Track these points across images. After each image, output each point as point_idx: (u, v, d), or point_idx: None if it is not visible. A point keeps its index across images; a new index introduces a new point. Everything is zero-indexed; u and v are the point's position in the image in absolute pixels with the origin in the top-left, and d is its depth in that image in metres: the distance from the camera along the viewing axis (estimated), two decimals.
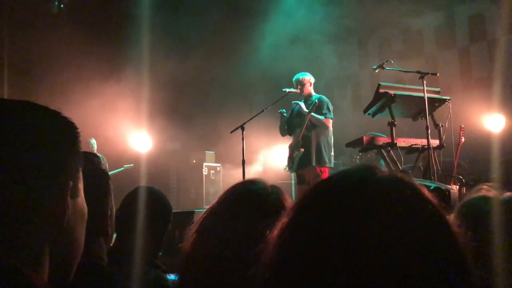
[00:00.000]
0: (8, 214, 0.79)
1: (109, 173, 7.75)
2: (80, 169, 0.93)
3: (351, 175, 0.73)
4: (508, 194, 1.20)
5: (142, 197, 2.12)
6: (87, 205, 0.97)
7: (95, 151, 9.09)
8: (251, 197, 1.32)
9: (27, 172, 0.81)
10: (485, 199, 1.20)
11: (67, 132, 0.92)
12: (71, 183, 0.87)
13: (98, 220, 1.57)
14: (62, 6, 10.43)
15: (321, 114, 6.05)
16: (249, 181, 1.39)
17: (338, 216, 0.66)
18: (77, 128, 0.95)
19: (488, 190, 1.24)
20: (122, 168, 9.12)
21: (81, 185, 0.93)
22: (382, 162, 7.89)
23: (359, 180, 0.70)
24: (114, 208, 1.72)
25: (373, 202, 0.66)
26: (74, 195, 0.89)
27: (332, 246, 0.64)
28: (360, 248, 0.62)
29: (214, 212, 1.32)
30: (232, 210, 1.30)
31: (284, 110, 6.38)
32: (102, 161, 9.16)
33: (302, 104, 6.12)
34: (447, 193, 2.86)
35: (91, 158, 1.75)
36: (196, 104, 11.03)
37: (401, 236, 0.62)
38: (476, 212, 1.09)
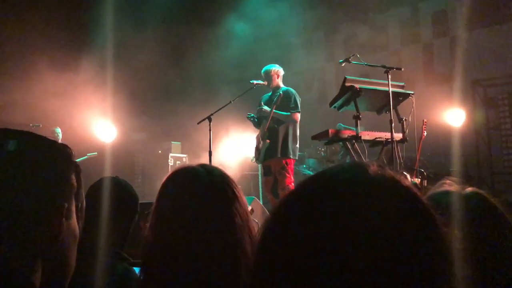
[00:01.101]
0: (10, 228, 0.86)
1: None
2: (73, 192, 1.00)
3: (342, 173, 0.71)
4: (469, 189, 1.23)
5: (107, 187, 2.08)
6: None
7: (60, 140, 8.92)
8: (192, 181, 1.36)
9: (27, 194, 0.88)
10: (447, 193, 1.23)
11: (63, 159, 0.99)
12: (66, 205, 0.94)
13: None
14: None
15: (288, 107, 6.06)
16: (187, 165, 1.44)
17: (331, 214, 0.65)
18: (71, 154, 1.02)
19: (450, 185, 1.26)
20: (85, 157, 8.97)
21: (73, 207, 1.00)
22: (342, 154, 8.04)
23: (352, 177, 0.70)
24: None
25: (365, 200, 0.65)
26: (68, 216, 0.96)
27: (322, 246, 0.63)
28: (352, 248, 0.62)
29: (163, 200, 1.36)
30: (176, 194, 1.35)
31: (252, 115, 6.36)
32: None
33: (263, 106, 6.14)
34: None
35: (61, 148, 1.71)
36: (163, 94, 10.91)
37: (393, 234, 0.63)
38: (438, 207, 1.12)
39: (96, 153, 9.07)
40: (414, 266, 0.62)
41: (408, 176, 4.86)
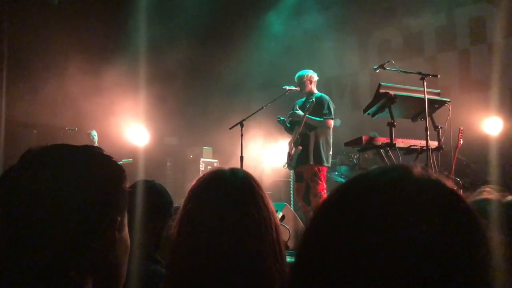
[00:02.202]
0: (66, 240, 0.90)
1: None
2: (126, 207, 1.05)
3: (387, 173, 0.71)
4: (510, 197, 1.20)
5: (141, 190, 2.10)
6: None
7: (96, 143, 9.10)
8: (217, 181, 1.37)
9: (84, 208, 0.92)
10: (487, 201, 1.20)
11: (117, 174, 1.04)
12: (119, 219, 0.98)
13: None
14: None
15: (321, 114, 6.03)
16: (217, 168, 1.45)
17: (373, 215, 0.64)
18: (124, 171, 1.08)
19: (490, 193, 1.23)
20: (120, 163, 9.11)
21: (125, 221, 1.04)
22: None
23: (396, 179, 0.69)
24: None
25: (410, 202, 0.64)
26: (121, 229, 1.00)
27: (364, 247, 0.62)
28: (397, 251, 0.61)
29: (194, 200, 1.36)
30: (202, 197, 1.35)
31: (282, 118, 6.34)
32: None
33: (297, 110, 6.10)
34: None
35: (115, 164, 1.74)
36: (195, 100, 11.01)
37: (439, 236, 0.62)
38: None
39: (131, 159, 9.22)
40: (458, 269, 0.61)
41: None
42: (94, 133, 9.17)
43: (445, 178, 0.71)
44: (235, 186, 1.35)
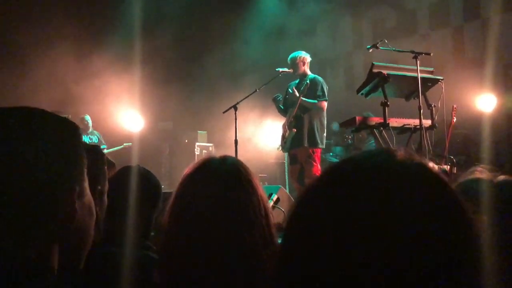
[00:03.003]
0: (21, 216, 0.84)
1: (109, 150, 7.70)
2: (85, 170, 0.98)
3: (372, 157, 0.71)
4: (501, 177, 1.19)
5: (128, 176, 2.09)
6: None
7: (90, 128, 9.07)
8: (205, 168, 1.40)
9: (36, 180, 0.86)
10: (478, 181, 1.20)
11: (70, 138, 0.96)
12: (77, 189, 0.93)
13: None
14: None
15: (314, 96, 6.01)
16: (207, 155, 1.47)
17: (356, 199, 0.65)
18: (78, 129, 0.98)
19: (481, 172, 1.23)
20: (121, 146, 9.15)
21: (86, 185, 0.98)
22: (372, 142, 7.95)
23: (380, 163, 0.69)
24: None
25: (393, 185, 0.65)
26: (81, 196, 0.95)
27: (349, 231, 0.63)
28: (378, 232, 0.61)
29: (184, 186, 1.38)
30: (195, 184, 1.37)
31: (279, 95, 6.33)
32: (99, 138, 9.17)
33: (294, 90, 6.07)
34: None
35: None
36: (189, 84, 10.97)
37: (421, 219, 0.62)
38: (468, 194, 1.08)
39: (131, 143, 9.24)
40: (441, 251, 0.61)
41: (436, 165, 4.78)
42: (88, 117, 9.12)
43: (428, 161, 0.71)
44: (223, 172, 1.36)
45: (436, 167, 0.70)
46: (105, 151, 8.73)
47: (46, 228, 0.87)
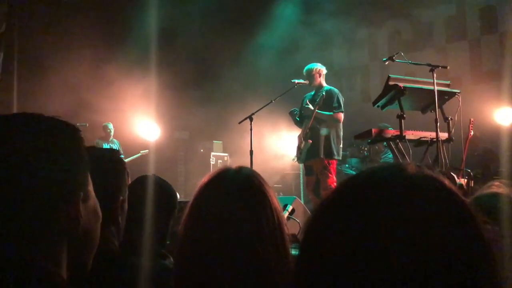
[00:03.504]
0: (28, 223, 0.86)
1: (127, 159, 7.65)
2: (89, 174, 0.98)
3: (380, 171, 0.72)
4: None
5: (144, 186, 2.11)
6: (98, 193, 1.02)
7: (112, 136, 9.10)
8: (220, 179, 1.40)
9: (41, 186, 0.86)
10: (496, 195, 1.20)
11: (72, 142, 0.95)
12: (81, 194, 0.93)
13: (108, 208, 1.59)
14: None
15: (330, 107, 6.01)
16: (224, 166, 1.48)
17: (367, 213, 0.66)
18: (80, 132, 0.97)
19: (499, 187, 1.23)
20: (139, 154, 9.16)
21: (91, 188, 0.99)
22: (388, 154, 7.91)
23: (389, 176, 0.70)
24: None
25: (404, 199, 0.65)
26: (85, 199, 0.95)
27: (359, 245, 0.64)
28: (389, 247, 0.62)
29: (199, 196, 1.39)
30: (209, 194, 1.37)
31: (296, 109, 6.35)
32: (118, 147, 9.20)
33: (309, 104, 6.09)
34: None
35: (108, 154, 1.76)
36: (205, 94, 11.02)
37: (432, 235, 0.62)
38: (485, 209, 1.09)
39: (147, 150, 9.25)
40: (452, 265, 0.62)
41: (455, 177, 4.74)
42: (111, 125, 9.13)
43: (440, 174, 0.71)
44: (237, 183, 1.37)
45: (449, 180, 0.70)
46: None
47: (52, 234, 0.88)
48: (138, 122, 9.62)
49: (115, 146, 9.07)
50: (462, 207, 0.67)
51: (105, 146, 8.64)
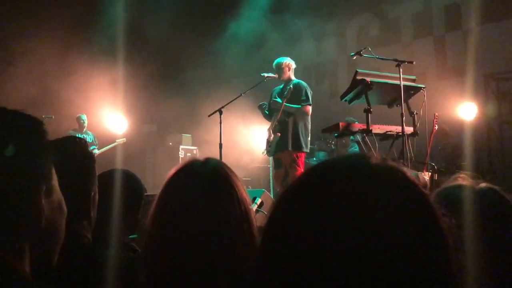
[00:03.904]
0: None
1: (102, 149, 7.48)
2: (52, 167, 0.96)
3: (344, 160, 0.73)
4: (483, 184, 1.23)
5: (111, 179, 2.10)
6: (71, 188, 1.00)
7: (86, 127, 8.93)
8: (187, 171, 1.39)
9: (2, 179, 0.85)
10: (461, 188, 1.23)
11: (34, 135, 0.93)
12: (44, 188, 0.91)
13: (81, 202, 1.58)
14: None
15: (298, 100, 6.05)
16: (191, 158, 1.47)
17: (329, 200, 0.66)
18: (43, 125, 0.95)
19: (464, 179, 1.26)
20: (115, 143, 9.01)
21: (55, 182, 0.97)
22: (354, 148, 8.02)
23: (353, 165, 0.71)
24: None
25: (366, 187, 0.66)
26: (49, 194, 0.93)
27: (321, 232, 0.64)
28: (351, 234, 0.63)
29: (166, 188, 1.38)
30: (176, 185, 1.37)
31: (265, 103, 6.37)
32: (93, 139, 9.02)
33: (277, 97, 6.12)
34: None
35: (77, 141, 1.73)
36: (173, 87, 10.94)
37: (394, 222, 0.64)
38: (451, 201, 1.12)
39: (124, 139, 9.10)
40: (410, 255, 0.63)
41: (418, 172, 4.85)
42: (84, 116, 8.94)
43: (402, 166, 0.72)
44: (204, 175, 1.36)
45: (412, 172, 0.72)
46: (96, 151, 8.63)
47: (14, 228, 0.86)
48: (106, 114, 9.48)
49: (88, 138, 8.88)
50: (422, 198, 0.69)
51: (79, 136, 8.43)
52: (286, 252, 0.67)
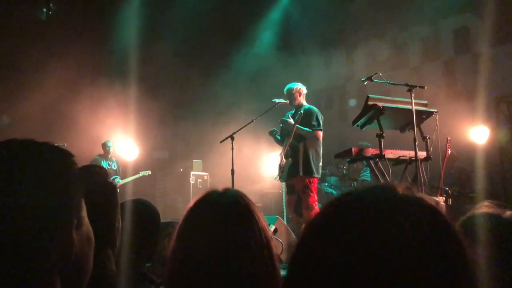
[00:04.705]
0: (21, 252, 0.83)
1: (126, 180, 7.48)
2: (83, 200, 0.96)
3: (370, 192, 0.73)
4: (509, 212, 1.22)
5: (128, 211, 2.11)
6: (96, 218, 1.01)
7: (111, 153, 8.94)
8: (207, 201, 1.39)
9: (35, 214, 0.84)
10: (487, 216, 1.23)
11: (65, 168, 0.92)
12: (75, 221, 0.91)
13: (106, 232, 1.59)
14: (50, 12, 10.36)
15: (310, 125, 6.04)
16: (215, 190, 1.45)
17: (358, 235, 0.66)
18: (73, 157, 0.95)
19: (489, 207, 1.26)
20: (139, 175, 9.02)
21: (84, 213, 0.97)
22: (367, 173, 7.99)
23: (381, 196, 0.70)
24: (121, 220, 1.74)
25: (397, 221, 0.66)
26: (79, 226, 0.93)
27: (349, 268, 0.64)
28: (380, 269, 0.62)
29: (187, 219, 1.38)
30: (197, 217, 1.37)
31: (275, 129, 6.37)
32: (117, 166, 9.03)
33: (290, 117, 6.13)
34: None
35: (98, 171, 1.75)
36: (184, 113, 11.01)
37: (422, 257, 0.63)
38: (479, 230, 1.12)
39: (149, 171, 9.11)
40: (437, 283, 0.63)
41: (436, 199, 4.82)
42: (110, 143, 8.92)
43: (427, 195, 0.73)
44: (224, 205, 1.37)
45: (432, 199, 0.72)
46: (119, 180, 8.65)
47: (46, 261, 0.86)
48: (117, 142, 9.52)
49: (113, 165, 8.89)
50: (450, 230, 0.69)
51: (104, 163, 8.44)
52: (313, 283, 0.67)
